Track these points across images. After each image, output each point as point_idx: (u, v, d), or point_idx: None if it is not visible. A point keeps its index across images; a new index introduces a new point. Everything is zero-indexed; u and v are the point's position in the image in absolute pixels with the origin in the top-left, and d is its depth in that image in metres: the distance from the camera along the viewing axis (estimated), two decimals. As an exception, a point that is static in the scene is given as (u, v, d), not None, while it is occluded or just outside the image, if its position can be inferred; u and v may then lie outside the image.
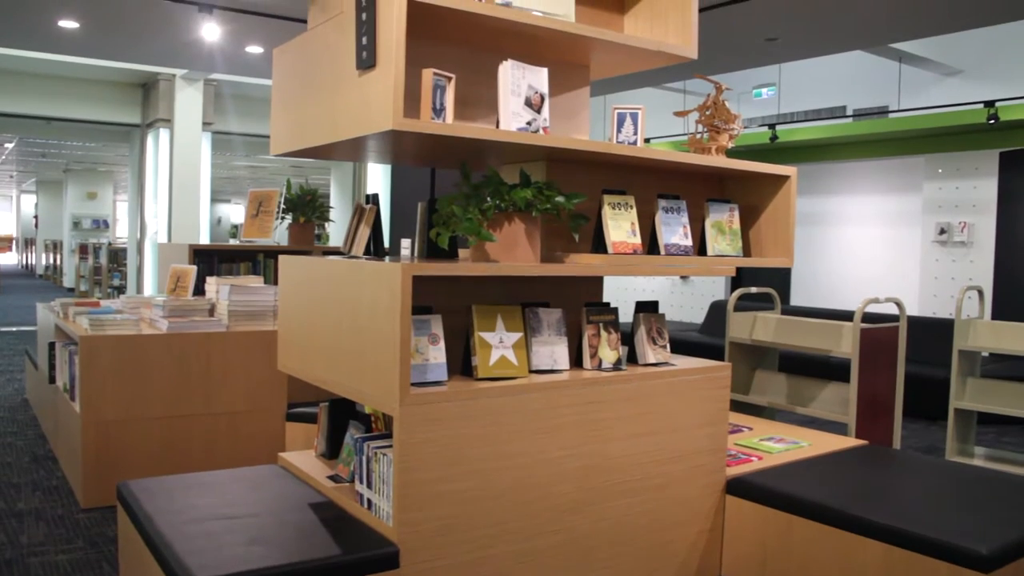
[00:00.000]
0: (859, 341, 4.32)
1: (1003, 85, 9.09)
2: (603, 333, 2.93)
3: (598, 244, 2.85)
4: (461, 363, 2.75)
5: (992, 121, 8.42)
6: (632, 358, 3.08)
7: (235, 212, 33.26)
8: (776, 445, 3.64)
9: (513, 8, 2.57)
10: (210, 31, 7.39)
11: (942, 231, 9.92)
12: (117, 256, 18.11)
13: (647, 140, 11.04)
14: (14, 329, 12.60)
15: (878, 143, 10.45)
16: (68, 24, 7.70)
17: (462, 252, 2.97)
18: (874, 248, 11.41)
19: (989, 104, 8.41)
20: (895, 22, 7.01)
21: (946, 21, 6.97)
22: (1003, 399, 5.06)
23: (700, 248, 3.16)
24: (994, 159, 9.30)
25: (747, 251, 3.37)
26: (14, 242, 40.32)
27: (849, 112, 10.61)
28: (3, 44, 9.10)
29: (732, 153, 3.34)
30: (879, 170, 11.29)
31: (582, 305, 2.97)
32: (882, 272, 11.19)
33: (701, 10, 5.37)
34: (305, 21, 2.95)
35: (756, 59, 8.78)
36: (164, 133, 11.78)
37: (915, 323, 6.65)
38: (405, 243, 3.02)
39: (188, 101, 11.56)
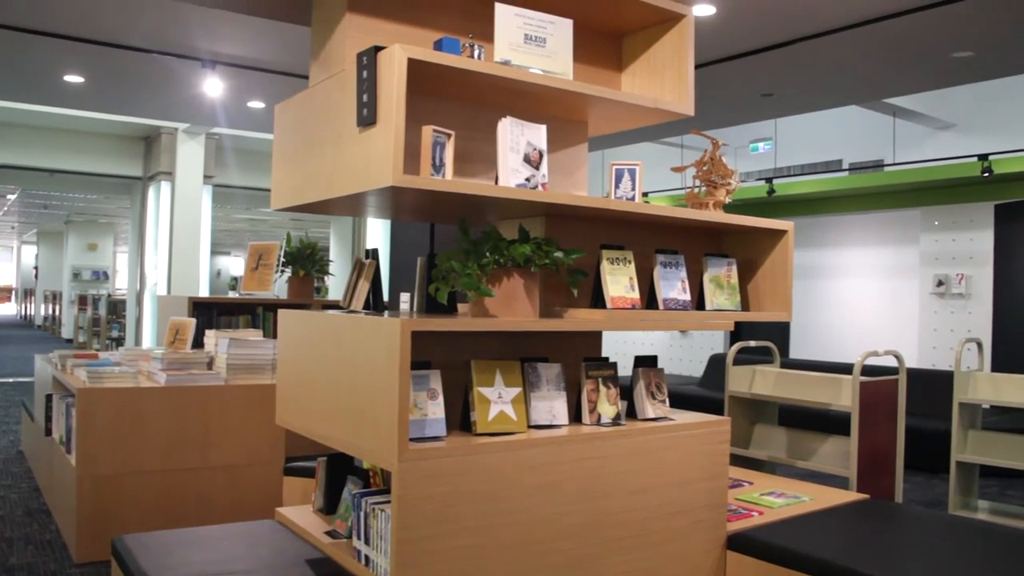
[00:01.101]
0: (859, 394, 4.31)
1: (995, 138, 9.19)
2: (602, 388, 2.93)
3: (597, 299, 2.86)
4: (460, 418, 2.74)
5: (986, 174, 8.50)
6: (631, 413, 3.07)
7: (235, 264, 33.34)
8: (777, 500, 3.61)
9: (512, 67, 2.61)
10: (213, 86, 7.49)
11: (940, 283, 9.94)
12: (116, 308, 18.11)
13: (645, 194, 11.12)
14: (11, 380, 12.56)
15: (874, 196, 10.53)
16: (74, 79, 7.80)
17: (461, 307, 2.98)
18: (872, 300, 11.43)
19: (983, 157, 8.49)
20: (888, 78, 7.12)
21: (938, 77, 7.08)
22: (1005, 452, 5.03)
23: (699, 302, 3.18)
24: (989, 211, 9.37)
25: (745, 305, 3.38)
26: (13, 293, 40.37)
27: (845, 166, 10.71)
28: (10, 98, 9.22)
29: (730, 207, 3.37)
30: (876, 223, 11.36)
31: (581, 360, 2.97)
32: (881, 324, 11.19)
33: (697, 67, 5.46)
34: (306, 77, 3.00)
35: (752, 114, 8.89)
36: (165, 186, 11.86)
37: (915, 375, 6.64)
38: (404, 297, 3.03)
39: (190, 154, 11.66)
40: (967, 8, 5.38)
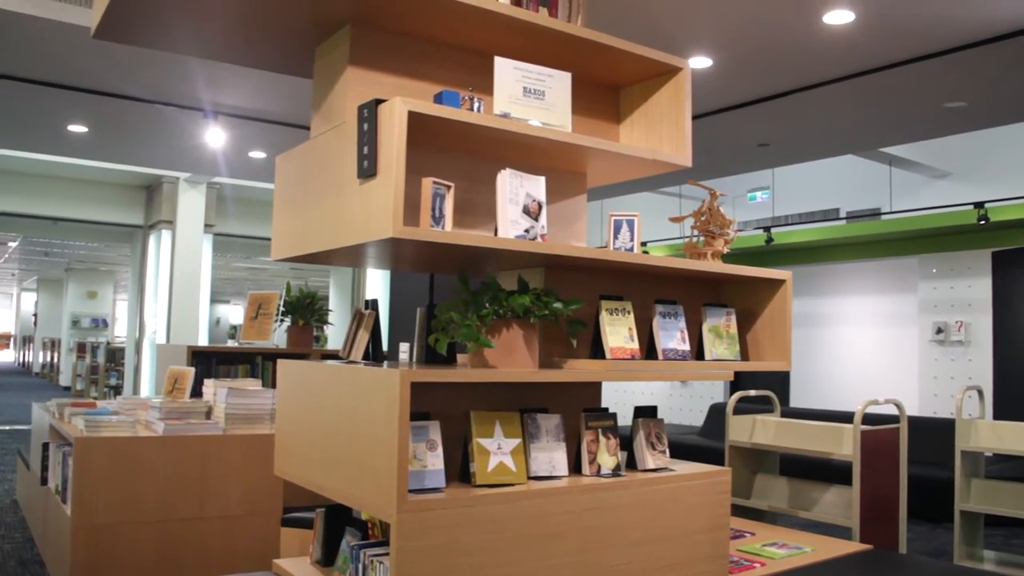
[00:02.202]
0: (860, 443, 4.29)
1: (991, 187, 9.27)
2: (602, 439, 2.92)
3: (596, 349, 2.86)
4: (459, 469, 2.72)
5: (982, 222, 8.55)
6: (631, 463, 3.05)
7: (234, 313, 33.38)
8: (779, 551, 3.58)
9: (511, 119, 2.64)
10: (215, 136, 7.57)
11: (939, 330, 9.95)
12: (115, 355, 18.07)
13: (644, 244, 11.18)
14: (7, 428, 12.49)
15: (872, 244, 10.59)
16: (77, 129, 7.89)
17: (460, 357, 2.98)
18: (872, 348, 11.42)
19: (979, 205, 8.55)
20: (882, 128, 7.20)
21: (932, 127, 7.16)
22: (1010, 501, 4.99)
23: (698, 352, 3.18)
24: (987, 258, 9.41)
25: (745, 355, 3.37)
26: (12, 340, 40.33)
27: (842, 214, 10.78)
28: (15, 147, 9.33)
29: (728, 256, 3.39)
30: (874, 271, 11.40)
31: (580, 410, 2.96)
32: (881, 372, 11.17)
33: (694, 118, 5.53)
34: (307, 127, 3.04)
35: (749, 164, 8.98)
36: (166, 234, 11.92)
37: (916, 423, 6.62)
38: (403, 347, 3.03)
39: (191, 203, 11.74)
40: (958, 60, 5.47)
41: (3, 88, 6.59)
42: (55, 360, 25.12)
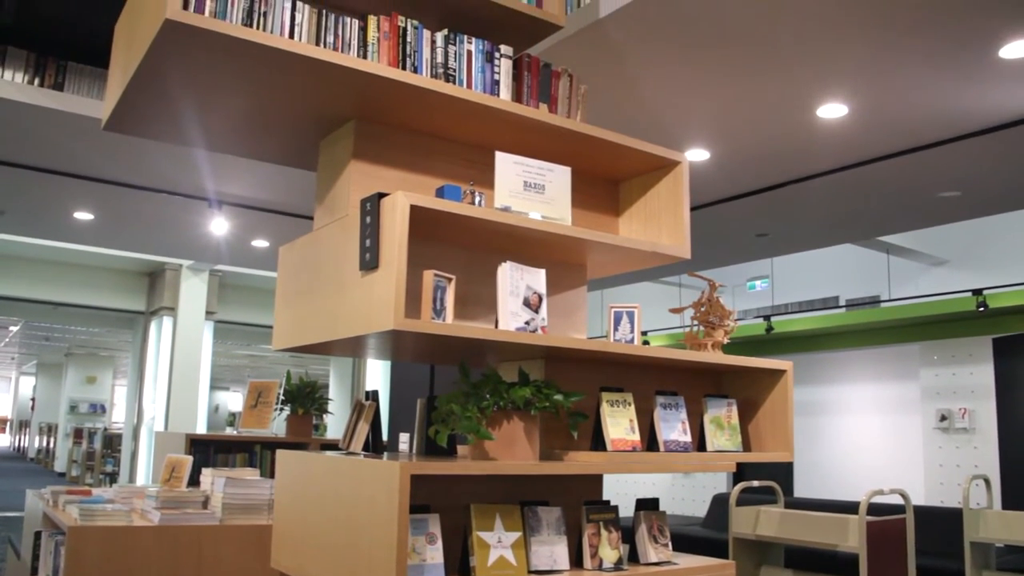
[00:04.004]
0: (865, 535, 4.23)
1: (988, 273, 9.32)
2: (603, 532, 2.88)
3: (597, 441, 2.85)
4: (459, 562, 2.68)
5: (981, 308, 8.58)
6: (633, 556, 3.00)
7: (233, 399, 33.22)
8: (786, 649, 3.49)
9: (512, 213, 2.68)
10: (218, 225, 7.66)
11: (943, 417, 9.88)
12: (112, 442, 17.91)
13: (645, 333, 11.19)
14: (-1, 516, 12.30)
15: (872, 332, 10.59)
16: (84, 216, 7.99)
17: (461, 449, 2.96)
18: (876, 436, 11.32)
19: (977, 292, 8.59)
20: (877, 218, 7.29)
21: (926, 217, 7.25)
22: (1021, 596, 4.89)
23: (700, 443, 3.16)
24: (987, 345, 9.40)
25: (747, 445, 3.35)
26: (8, 424, 40.04)
27: (842, 302, 10.83)
28: (22, 234, 9.44)
29: (728, 345, 3.39)
30: (875, 358, 11.38)
31: (582, 503, 2.93)
32: (885, 460, 11.05)
33: (692, 209, 5.62)
34: (309, 217, 3.09)
35: (748, 254, 9.07)
36: (167, 321, 11.95)
37: (923, 513, 6.51)
38: (403, 437, 3.02)
39: (193, 290, 11.80)
40: (951, 151, 5.58)
41: (13, 176, 6.70)
42: (51, 445, 24.87)
